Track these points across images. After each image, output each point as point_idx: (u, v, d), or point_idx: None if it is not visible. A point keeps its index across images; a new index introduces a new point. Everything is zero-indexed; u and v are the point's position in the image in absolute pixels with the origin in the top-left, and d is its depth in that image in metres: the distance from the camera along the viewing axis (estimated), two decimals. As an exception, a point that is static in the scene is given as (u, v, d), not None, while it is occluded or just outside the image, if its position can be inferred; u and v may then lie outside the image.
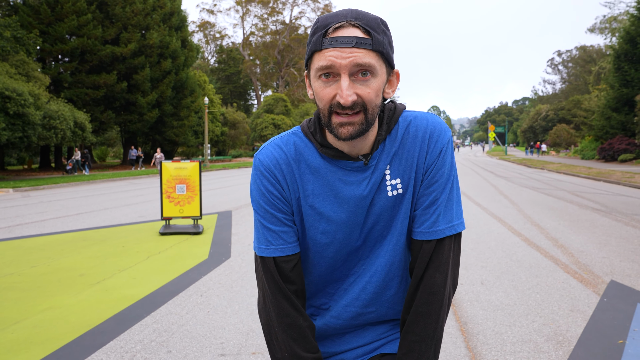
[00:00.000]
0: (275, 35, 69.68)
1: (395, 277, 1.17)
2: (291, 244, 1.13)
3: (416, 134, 1.10)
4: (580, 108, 51.02)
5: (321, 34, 0.97)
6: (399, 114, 1.12)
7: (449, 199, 1.10)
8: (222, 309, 3.99)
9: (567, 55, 74.52)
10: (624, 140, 29.81)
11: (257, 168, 1.13)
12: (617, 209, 9.66)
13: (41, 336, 3.44)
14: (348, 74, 0.96)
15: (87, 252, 6.31)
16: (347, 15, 0.98)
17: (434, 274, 1.08)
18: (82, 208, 11.26)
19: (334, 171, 1.10)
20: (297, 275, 1.14)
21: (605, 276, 4.81)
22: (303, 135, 1.14)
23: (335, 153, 1.08)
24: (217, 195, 13.82)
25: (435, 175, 1.09)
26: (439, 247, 1.09)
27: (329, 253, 1.16)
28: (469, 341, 3.28)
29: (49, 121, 22.66)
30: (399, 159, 1.10)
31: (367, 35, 0.97)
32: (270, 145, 1.14)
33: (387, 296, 1.19)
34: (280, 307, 1.12)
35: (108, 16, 33.33)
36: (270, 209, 1.12)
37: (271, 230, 1.12)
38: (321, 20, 1.00)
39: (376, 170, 1.10)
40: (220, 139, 48.21)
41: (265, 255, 1.12)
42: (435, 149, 1.09)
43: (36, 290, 4.61)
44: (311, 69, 1.02)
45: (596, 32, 52.95)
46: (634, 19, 30.44)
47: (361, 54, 0.95)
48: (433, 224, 1.09)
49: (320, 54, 0.97)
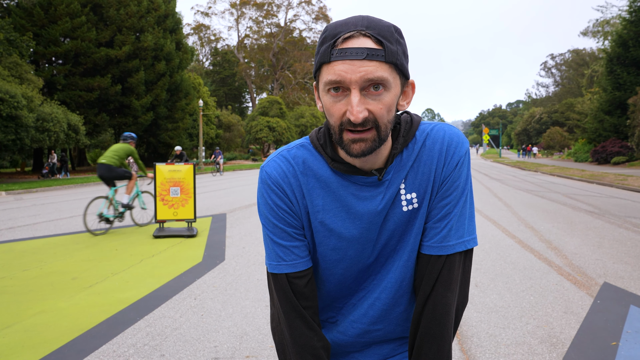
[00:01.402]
0: (270, 38, 69.72)
1: (405, 294, 1.13)
2: (304, 259, 1.08)
3: (433, 146, 1.05)
4: (574, 111, 51.31)
5: (330, 45, 0.91)
6: (416, 127, 1.06)
7: (462, 214, 1.05)
8: (216, 312, 3.97)
9: (560, 58, 75.04)
10: (617, 142, 30.02)
11: (264, 181, 1.07)
12: (610, 211, 9.72)
13: (33, 340, 3.41)
14: (359, 88, 0.90)
15: (79, 255, 6.27)
16: (358, 23, 0.91)
17: (445, 293, 1.04)
18: (75, 211, 11.19)
19: (346, 186, 1.05)
20: (311, 291, 1.09)
21: (598, 278, 4.83)
22: (312, 148, 1.08)
23: (348, 168, 1.03)
24: (211, 198, 13.78)
25: (449, 188, 1.04)
26: (449, 263, 1.04)
27: (339, 270, 1.11)
28: (463, 343, 3.28)
29: (42, 123, 22.52)
30: (415, 173, 1.06)
31: (380, 45, 0.90)
32: (278, 157, 1.08)
33: (396, 313, 1.14)
34: (294, 327, 1.07)
35: (102, 19, 33.22)
36: (280, 224, 1.07)
37: (282, 245, 1.07)
38: (330, 29, 0.93)
39: (391, 184, 1.05)
40: (215, 142, 48.15)
41: (277, 272, 1.07)
42: (452, 161, 1.04)
43: (28, 294, 4.57)
44: (320, 82, 0.96)
45: (589, 35, 53.37)
46: (626, 23, 30.70)
47: (372, 67, 0.89)
48: (443, 239, 1.04)
49: (328, 67, 0.91)
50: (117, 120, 34.27)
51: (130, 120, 34.13)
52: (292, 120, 54.09)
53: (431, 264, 1.05)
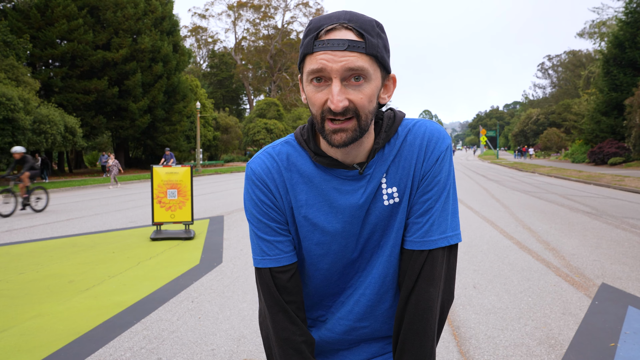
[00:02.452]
0: (268, 40, 69.75)
1: (389, 289, 1.13)
2: (288, 254, 1.09)
3: (414, 141, 1.06)
4: (571, 112, 51.46)
5: (313, 37, 0.94)
6: (398, 122, 1.08)
7: (444, 209, 1.06)
8: (213, 315, 3.95)
9: (557, 59, 75.30)
10: (614, 143, 30.10)
11: (249, 177, 1.10)
12: (607, 212, 9.73)
13: (29, 344, 3.39)
14: (340, 78, 0.92)
15: (76, 258, 6.24)
16: (340, 17, 0.94)
17: (427, 288, 1.03)
18: (72, 213, 11.16)
19: (329, 180, 1.07)
20: (295, 286, 1.09)
21: (596, 279, 4.83)
22: (296, 144, 1.11)
23: (330, 161, 1.05)
24: (208, 200, 13.75)
25: (430, 183, 1.05)
26: (431, 258, 1.04)
27: (324, 265, 1.12)
28: (462, 345, 3.27)
29: (39, 126, 22.47)
30: (396, 167, 1.07)
31: (361, 38, 0.93)
32: (262, 154, 1.11)
33: (381, 310, 1.15)
34: (277, 321, 1.08)
35: (99, 21, 33.18)
36: (264, 219, 1.08)
37: (266, 240, 1.08)
38: (314, 22, 0.96)
39: (372, 179, 1.06)
40: (213, 144, 48.10)
41: (262, 266, 1.09)
42: (432, 156, 1.05)
43: (24, 297, 4.54)
44: (303, 73, 0.99)
45: (585, 36, 53.55)
46: (622, 24, 30.81)
47: (353, 58, 0.91)
48: (425, 234, 1.04)
49: (311, 57, 0.94)
50: (114, 122, 34.19)
51: (128, 122, 34.07)
52: (290, 122, 54.09)
53: (413, 259, 1.05)
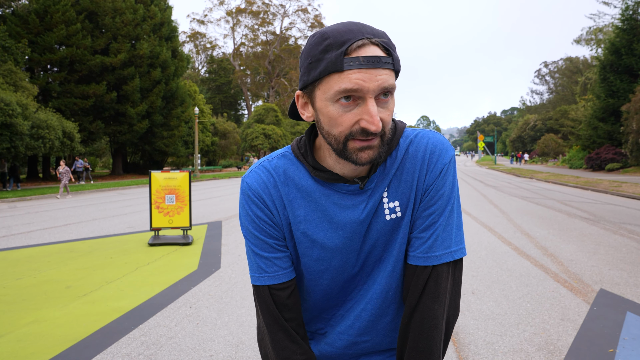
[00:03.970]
0: (266, 46, 69.91)
1: (392, 304, 1.11)
2: (286, 270, 1.06)
3: (416, 154, 1.03)
4: (568, 118, 51.63)
5: (341, 53, 0.87)
6: (399, 134, 1.04)
7: (448, 223, 1.02)
8: (211, 321, 3.94)
9: (553, 66, 75.60)
10: (611, 149, 30.21)
11: (244, 192, 1.06)
12: (605, 218, 9.75)
13: (26, 350, 3.37)
14: (374, 97, 0.89)
15: (74, 263, 6.22)
16: (362, 31, 0.89)
17: (432, 305, 1.00)
18: (70, 219, 11.13)
19: (328, 195, 1.03)
20: (295, 303, 1.07)
21: (594, 285, 4.84)
22: (294, 157, 1.07)
23: (330, 176, 1.01)
24: (207, 205, 13.73)
25: (434, 197, 1.02)
26: (435, 274, 1.01)
27: (324, 281, 1.10)
28: (461, 351, 3.27)
29: (37, 131, 22.44)
30: (398, 181, 1.03)
31: (387, 54, 0.90)
32: (258, 168, 1.07)
33: (383, 324, 1.12)
34: (276, 340, 1.05)
35: (98, 26, 33.23)
36: (261, 235, 1.05)
37: (263, 257, 1.05)
38: (333, 36, 0.89)
39: (374, 193, 1.03)
40: (211, 149, 48.07)
41: (260, 283, 1.06)
42: (435, 168, 1.01)
43: (21, 303, 4.52)
44: (320, 90, 0.92)
45: (582, 43, 53.80)
46: (618, 31, 31.01)
47: (386, 76, 0.88)
48: (429, 249, 1.01)
49: (341, 75, 0.87)
50: (112, 127, 34.16)
51: (126, 127, 34.05)
52: (288, 128, 54.14)
53: (417, 274, 1.02)
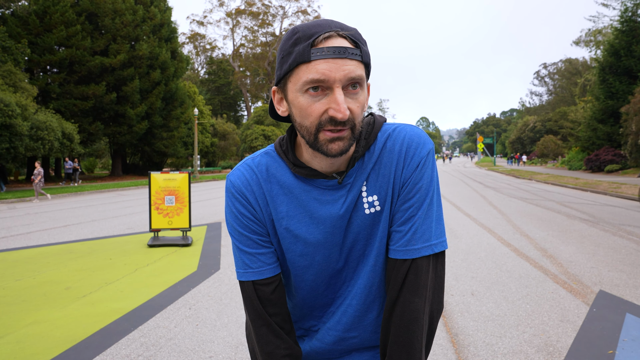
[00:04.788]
0: (265, 47, 69.96)
1: (376, 299, 1.12)
2: (270, 266, 1.08)
3: (393, 147, 1.04)
4: (567, 119, 51.67)
5: (308, 44, 0.90)
6: (378, 128, 1.05)
7: (427, 216, 1.02)
8: (211, 322, 3.94)
9: (553, 67, 75.69)
10: (610, 151, 30.24)
11: (228, 190, 1.08)
12: (604, 219, 9.76)
13: (25, 351, 3.36)
14: (341, 87, 0.90)
15: (73, 264, 6.22)
16: (331, 25, 0.92)
17: (412, 298, 1.00)
18: (69, 220, 11.12)
19: (308, 190, 1.05)
20: (279, 298, 1.08)
21: (594, 286, 4.84)
22: (276, 154, 1.09)
23: (309, 172, 1.03)
24: (206, 206, 13.73)
25: (412, 190, 1.02)
26: (415, 267, 1.01)
27: (309, 276, 1.11)
28: (460, 353, 3.27)
29: (37, 132, 22.44)
30: (376, 175, 1.04)
31: (356, 46, 0.92)
32: (242, 166, 1.10)
33: (369, 320, 1.13)
34: (260, 335, 1.07)
35: (97, 27, 33.25)
36: (245, 232, 1.07)
37: (248, 253, 1.07)
38: (303, 30, 0.92)
39: (352, 187, 1.04)
40: (210, 150, 48.08)
41: (244, 279, 1.07)
42: (412, 162, 1.02)
43: (21, 304, 4.52)
44: (291, 83, 0.94)
45: (581, 45, 53.89)
46: (617, 32, 31.06)
47: (353, 67, 0.90)
48: (408, 242, 1.01)
49: (308, 66, 0.90)
50: (111, 128, 34.16)
51: (125, 128, 34.03)
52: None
53: (397, 268, 1.02)
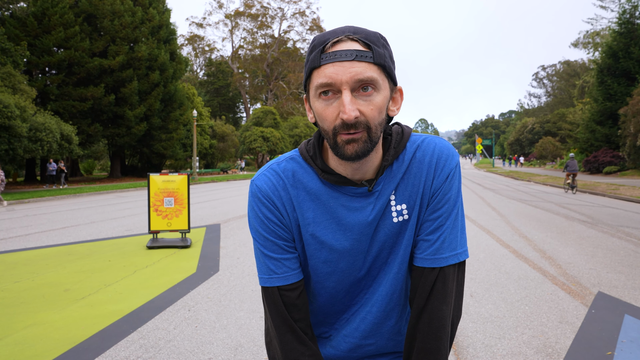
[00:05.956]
0: (264, 49, 70.01)
1: (396, 307, 1.12)
2: (295, 271, 1.07)
3: (423, 158, 1.05)
4: (566, 121, 51.81)
5: (319, 51, 0.92)
6: (407, 138, 1.07)
7: (454, 226, 1.05)
8: (210, 324, 3.94)
9: (551, 69, 75.85)
10: (609, 152, 30.30)
11: (254, 194, 1.07)
12: (603, 221, 9.77)
13: (24, 353, 3.36)
14: (350, 89, 0.91)
15: (72, 266, 6.21)
16: (345, 30, 0.94)
17: (440, 306, 1.02)
18: (68, 222, 11.10)
19: (337, 197, 1.05)
20: (304, 304, 1.08)
21: (592, 287, 4.85)
22: (302, 160, 1.09)
23: (338, 179, 1.03)
24: (205, 208, 13.72)
25: (441, 201, 1.04)
26: (443, 276, 1.03)
27: (330, 283, 1.11)
28: (459, 354, 3.27)
29: (35, 133, 22.41)
30: (405, 184, 1.06)
31: (367, 48, 0.92)
32: (267, 170, 1.09)
33: (387, 327, 1.14)
34: (285, 342, 1.06)
35: (96, 29, 33.23)
36: (270, 237, 1.06)
37: (272, 258, 1.07)
38: (318, 38, 0.95)
39: (381, 195, 1.05)
40: (209, 152, 48.08)
41: (269, 285, 1.07)
42: (442, 173, 1.04)
43: (19, 306, 4.51)
44: (310, 89, 0.96)
45: (580, 46, 54.02)
46: (615, 35, 31.16)
47: (362, 68, 0.90)
48: (437, 251, 1.03)
49: (319, 71, 0.92)
50: (110, 130, 34.12)
51: (124, 130, 33.99)
52: (286, 131, 54.13)
53: (424, 276, 1.04)
